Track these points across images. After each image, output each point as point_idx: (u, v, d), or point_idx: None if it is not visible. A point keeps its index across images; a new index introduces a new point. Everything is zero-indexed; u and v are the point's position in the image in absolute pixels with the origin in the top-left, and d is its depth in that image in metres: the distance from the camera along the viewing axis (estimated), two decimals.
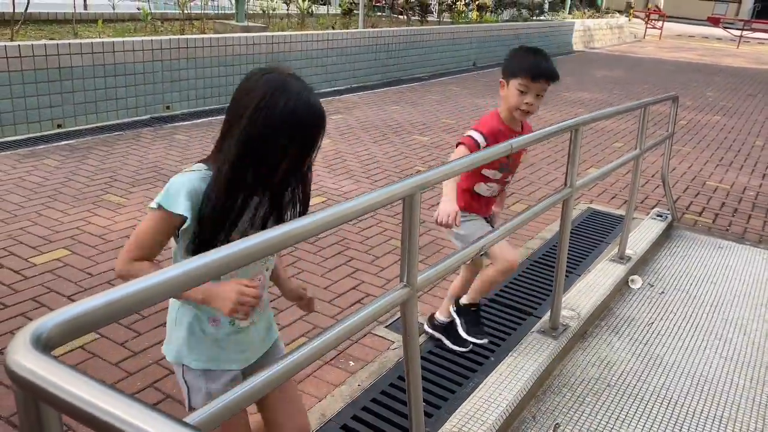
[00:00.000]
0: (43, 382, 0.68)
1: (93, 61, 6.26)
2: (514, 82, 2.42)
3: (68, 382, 0.67)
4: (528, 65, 2.39)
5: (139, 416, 0.65)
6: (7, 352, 0.72)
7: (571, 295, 3.23)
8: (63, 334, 0.74)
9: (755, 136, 8.03)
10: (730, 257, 4.23)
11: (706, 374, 2.84)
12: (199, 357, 1.58)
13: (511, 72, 2.44)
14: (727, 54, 18.89)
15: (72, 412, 0.67)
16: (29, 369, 0.68)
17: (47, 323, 0.73)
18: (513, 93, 2.43)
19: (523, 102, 2.42)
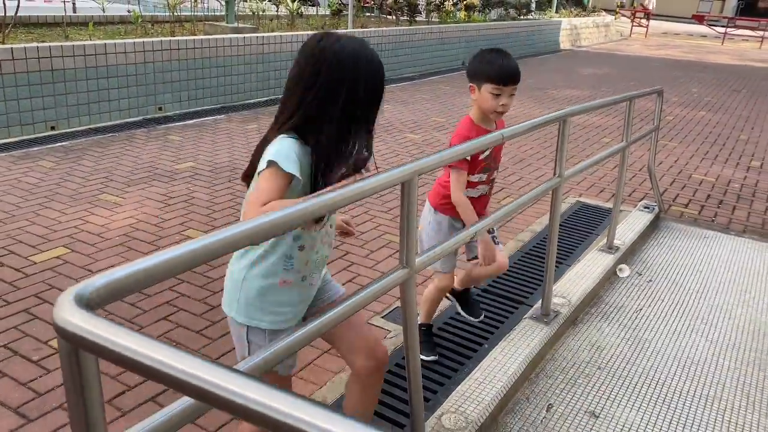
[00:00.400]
0: (83, 332, 0.76)
1: (85, 63, 6.30)
2: (486, 87, 2.45)
3: (105, 330, 0.75)
4: (497, 71, 2.43)
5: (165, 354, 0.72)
6: (54, 310, 0.79)
7: (561, 284, 3.32)
8: (101, 296, 0.81)
9: (740, 131, 8.18)
10: (716, 247, 4.34)
11: (693, 357, 2.94)
12: (266, 318, 1.69)
13: (480, 77, 2.48)
14: (711, 51, 19.13)
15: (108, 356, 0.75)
16: (71, 322, 0.76)
17: (88, 287, 0.80)
18: (486, 97, 2.46)
19: (499, 105, 2.46)
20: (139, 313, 3.09)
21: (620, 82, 11.60)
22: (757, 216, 5.13)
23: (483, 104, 2.49)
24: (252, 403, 0.67)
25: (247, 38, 8.01)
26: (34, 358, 2.71)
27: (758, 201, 5.50)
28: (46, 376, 2.60)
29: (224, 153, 5.84)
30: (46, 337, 2.85)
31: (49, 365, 2.66)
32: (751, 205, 5.39)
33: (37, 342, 2.82)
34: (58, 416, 2.38)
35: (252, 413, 0.67)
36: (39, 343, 2.81)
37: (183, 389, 0.71)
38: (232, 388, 0.69)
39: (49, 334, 2.88)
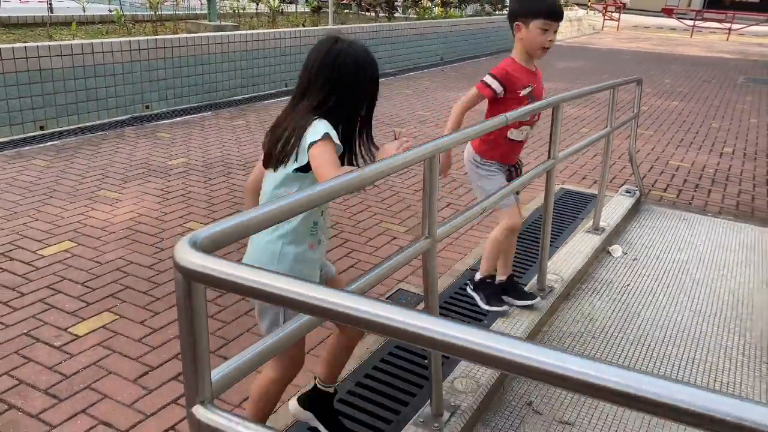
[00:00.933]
0: (195, 267, 0.91)
1: (73, 63, 6.34)
2: (535, 23, 2.60)
3: (209, 261, 0.90)
4: (546, 7, 2.59)
5: (265, 277, 0.88)
6: (174, 252, 0.94)
7: (553, 262, 3.51)
8: (210, 242, 0.96)
9: (711, 119, 8.49)
10: (694, 227, 4.58)
11: (679, 325, 3.15)
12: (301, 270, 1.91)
13: (528, 14, 2.61)
14: (681, 43, 19.61)
15: (210, 282, 0.90)
16: (187, 260, 0.92)
17: (200, 234, 0.95)
18: (535, 33, 2.62)
19: (547, 40, 2.64)
20: (153, 302, 3.21)
21: (595, 75, 11.90)
22: (730, 198, 5.40)
23: (531, 40, 2.64)
24: (351, 311, 0.83)
25: (230, 36, 8.09)
26: (56, 344, 2.81)
27: (731, 185, 5.76)
28: (71, 360, 2.71)
29: (215, 149, 5.94)
30: (66, 324, 2.96)
31: (71, 350, 2.77)
32: (725, 188, 5.65)
33: (57, 329, 2.92)
34: (87, 395, 2.49)
35: (353, 319, 0.83)
36: (59, 330, 2.92)
37: (281, 301, 0.87)
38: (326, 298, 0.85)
39: (67, 322, 2.98)
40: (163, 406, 2.47)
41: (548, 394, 2.58)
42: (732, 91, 10.87)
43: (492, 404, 2.44)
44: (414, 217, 4.51)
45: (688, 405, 0.67)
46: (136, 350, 2.80)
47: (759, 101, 10.08)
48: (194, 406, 1.01)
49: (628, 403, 0.70)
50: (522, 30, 2.66)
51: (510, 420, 2.39)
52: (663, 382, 0.69)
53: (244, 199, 2.21)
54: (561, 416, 2.44)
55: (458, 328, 0.79)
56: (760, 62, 15.57)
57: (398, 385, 2.62)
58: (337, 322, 1.05)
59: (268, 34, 8.60)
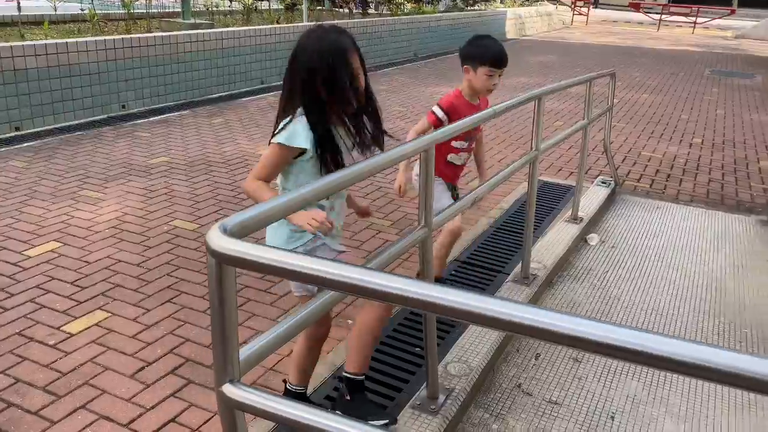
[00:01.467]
0: (225, 250, 0.98)
1: (47, 63, 6.28)
2: (482, 70, 2.86)
3: (239, 245, 0.97)
4: (493, 54, 2.85)
5: (290, 258, 0.95)
6: (207, 238, 1.00)
7: (535, 251, 3.62)
8: (239, 228, 1.02)
9: (680, 111, 8.73)
10: (668, 215, 4.74)
11: (657, 308, 3.28)
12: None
13: (476, 61, 2.87)
14: (648, 37, 20.00)
15: (239, 264, 0.97)
16: (218, 244, 0.99)
17: (230, 221, 1.02)
18: (482, 79, 2.88)
19: (492, 84, 2.90)
20: (145, 300, 3.23)
21: (567, 69, 12.11)
22: (701, 187, 5.58)
23: (477, 84, 2.88)
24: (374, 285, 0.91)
25: (205, 34, 8.07)
26: (50, 342, 2.83)
27: (702, 174, 5.96)
28: (66, 358, 2.73)
29: (195, 147, 5.94)
30: (58, 323, 2.97)
31: (66, 348, 2.79)
32: (695, 177, 5.84)
33: (50, 328, 2.94)
34: (86, 391, 2.52)
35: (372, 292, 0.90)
36: (52, 329, 2.93)
37: (310, 280, 0.94)
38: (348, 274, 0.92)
39: (60, 320, 3.00)
40: (162, 399, 2.51)
41: (536, 376, 2.68)
42: (699, 84, 11.16)
43: (484, 387, 2.54)
44: (398, 211, 4.59)
45: (673, 355, 0.76)
46: (131, 346, 2.83)
47: (725, 93, 10.38)
48: (223, 384, 1.08)
49: (629, 357, 0.79)
50: (470, 73, 2.91)
51: (501, 401, 2.49)
52: (653, 336, 0.77)
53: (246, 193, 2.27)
54: (549, 396, 2.54)
55: (474, 296, 0.87)
56: (725, 55, 15.98)
57: (392, 373, 2.70)
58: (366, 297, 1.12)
59: (243, 32, 8.59)
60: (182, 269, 3.55)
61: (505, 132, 7.07)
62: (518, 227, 4.32)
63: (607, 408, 2.51)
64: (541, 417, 2.42)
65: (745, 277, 3.75)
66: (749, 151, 6.82)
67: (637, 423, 2.43)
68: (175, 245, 3.85)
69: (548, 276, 3.41)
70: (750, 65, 14.21)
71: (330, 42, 1.88)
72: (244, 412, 1.12)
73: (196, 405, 2.48)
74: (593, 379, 2.67)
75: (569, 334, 0.80)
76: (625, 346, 0.79)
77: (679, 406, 2.54)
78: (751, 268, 3.89)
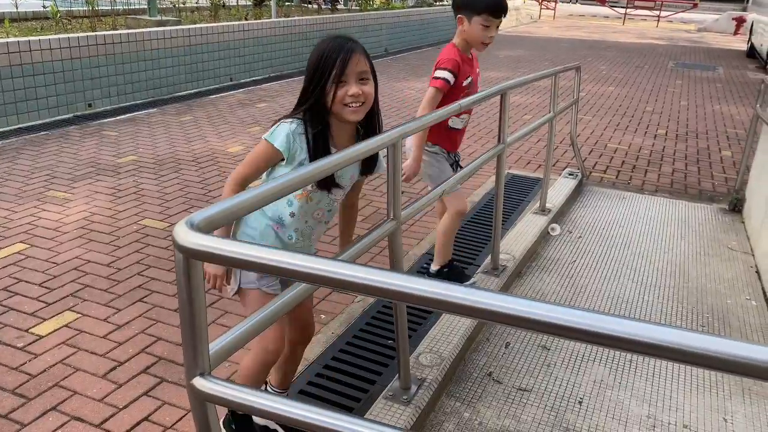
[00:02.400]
0: (192, 245, 0.99)
1: (9, 62, 6.15)
2: (477, 19, 2.66)
3: (205, 240, 0.98)
4: (490, 2, 2.64)
5: (256, 250, 0.97)
6: (173, 233, 1.01)
7: (504, 242, 3.68)
8: (206, 223, 1.03)
9: (645, 103, 8.91)
10: (633, 205, 4.85)
11: (623, 296, 3.37)
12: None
13: (471, 9, 2.66)
14: (614, 31, 20.31)
15: (207, 258, 0.99)
16: (186, 239, 1.01)
17: (196, 216, 1.03)
18: (477, 29, 2.67)
19: (488, 36, 2.71)
20: (116, 299, 3.21)
21: (535, 63, 12.25)
22: (665, 177, 5.72)
23: (472, 35, 2.69)
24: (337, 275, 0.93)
25: (173, 31, 7.98)
26: (18, 345, 2.79)
27: (666, 164, 6.10)
28: (35, 360, 2.70)
29: (164, 145, 5.88)
30: (26, 326, 2.94)
31: (35, 350, 2.76)
32: (660, 168, 5.98)
33: (18, 330, 2.90)
34: (56, 393, 2.50)
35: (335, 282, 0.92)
36: (20, 331, 2.89)
37: (277, 272, 0.96)
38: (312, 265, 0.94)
39: (28, 323, 2.96)
40: (135, 398, 2.50)
41: (506, 364, 2.74)
42: (663, 76, 11.39)
43: (455, 376, 2.58)
44: (370, 206, 4.61)
45: (639, 337, 0.80)
46: (102, 347, 2.81)
47: (688, 85, 10.61)
48: (194, 378, 1.09)
49: (592, 339, 0.83)
50: (464, 23, 2.71)
51: (473, 390, 2.53)
52: (619, 320, 0.82)
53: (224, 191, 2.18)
54: (519, 384, 2.60)
55: (440, 284, 0.90)
56: (688, 48, 16.32)
57: (364, 366, 2.73)
58: (335, 288, 1.12)
59: (211, 29, 8.52)
60: (153, 268, 3.53)
61: (474, 126, 7.14)
62: (488, 220, 4.38)
63: (575, 393, 2.57)
64: (511, 404, 2.48)
65: (708, 263, 3.86)
66: (711, 142, 6.99)
67: (604, 406, 2.50)
68: (145, 244, 3.82)
69: (517, 267, 3.47)
70: (712, 58, 14.54)
71: (334, 43, 1.84)
72: (215, 404, 1.13)
73: (169, 403, 2.48)
74: (561, 366, 2.74)
75: (527, 317, 0.84)
76: (580, 327, 0.83)
77: (644, 389, 2.62)
78: (713, 255, 4.00)
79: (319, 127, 1.85)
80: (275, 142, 1.84)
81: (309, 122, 1.86)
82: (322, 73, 1.81)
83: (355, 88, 1.81)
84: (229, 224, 1.88)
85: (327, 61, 1.81)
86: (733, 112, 8.57)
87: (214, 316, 3.07)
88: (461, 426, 2.33)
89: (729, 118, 8.19)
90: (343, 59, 1.80)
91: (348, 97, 1.81)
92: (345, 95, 1.81)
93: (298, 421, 1.05)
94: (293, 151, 1.86)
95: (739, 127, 7.74)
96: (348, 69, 1.80)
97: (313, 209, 1.98)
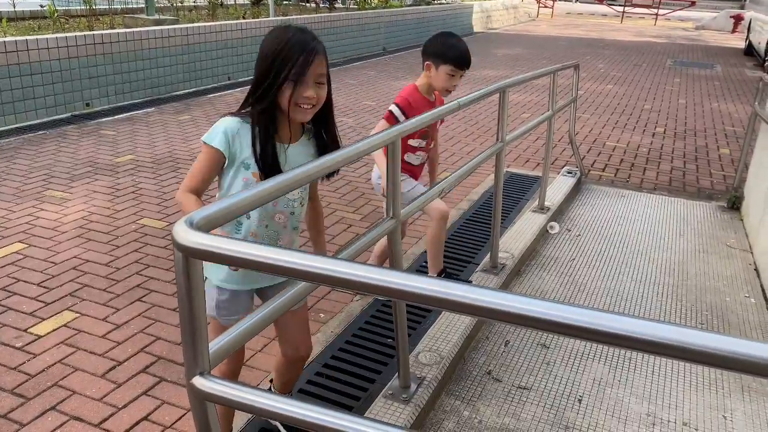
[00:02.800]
0: (192, 244, 0.99)
1: (7, 61, 6.14)
2: (444, 68, 2.79)
3: (205, 239, 0.98)
4: (457, 55, 2.78)
5: (255, 249, 0.96)
6: (173, 232, 1.01)
7: (503, 241, 3.68)
8: (205, 222, 1.03)
9: (643, 101, 8.91)
10: (632, 203, 4.85)
11: (622, 293, 3.37)
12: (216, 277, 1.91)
13: (440, 58, 2.80)
14: (612, 29, 20.32)
15: (206, 257, 0.98)
16: (185, 238, 1.00)
17: (196, 215, 1.03)
18: (443, 77, 2.81)
19: (452, 84, 2.84)
20: (114, 299, 3.21)
21: (533, 61, 12.25)
22: (664, 175, 5.72)
23: (437, 82, 2.83)
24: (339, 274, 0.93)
25: (170, 30, 7.96)
26: (17, 345, 2.79)
27: (664, 162, 6.10)
28: (34, 360, 2.69)
29: (162, 144, 5.87)
30: (25, 325, 2.93)
31: (34, 350, 2.76)
32: (658, 166, 5.99)
33: (17, 330, 2.89)
34: (55, 393, 2.50)
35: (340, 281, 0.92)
36: (18, 331, 2.89)
37: (276, 270, 0.96)
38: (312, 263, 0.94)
39: (27, 322, 2.96)
40: (134, 398, 2.50)
41: (505, 363, 2.74)
42: (661, 74, 11.39)
43: (455, 375, 2.58)
44: (368, 204, 4.61)
45: (638, 335, 0.80)
46: (101, 346, 2.81)
47: (686, 83, 10.62)
48: (194, 377, 1.09)
49: (592, 337, 0.83)
50: (431, 70, 2.84)
51: (472, 388, 2.54)
52: (620, 317, 0.81)
53: None
54: (518, 382, 2.60)
55: (439, 282, 0.90)
56: (686, 46, 16.32)
57: (364, 364, 2.73)
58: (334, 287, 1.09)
59: (209, 27, 8.51)
60: (151, 267, 3.53)
61: (473, 125, 7.14)
62: (487, 218, 4.38)
63: (575, 391, 2.57)
64: (510, 402, 2.48)
65: (706, 261, 3.87)
66: (710, 140, 7.00)
67: (604, 404, 2.50)
68: (143, 244, 3.81)
69: (516, 265, 3.47)
70: (710, 56, 14.55)
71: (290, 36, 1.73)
72: (215, 403, 1.13)
73: (168, 402, 2.48)
74: (561, 364, 2.74)
75: (526, 315, 0.84)
76: (580, 325, 0.83)
77: (643, 387, 2.62)
78: (712, 253, 4.01)
79: (270, 126, 1.75)
80: (213, 141, 1.74)
81: (258, 121, 1.75)
82: (279, 70, 1.71)
83: (311, 90, 1.73)
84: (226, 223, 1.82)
85: (286, 57, 1.71)
86: (731, 110, 8.57)
87: None
88: (461, 424, 2.33)
89: (727, 116, 8.20)
90: (306, 60, 1.71)
91: (302, 98, 1.73)
92: (299, 96, 1.72)
93: (298, 420, 1.05)
94: (233, 149, 1.77)
95: (738, 124, 7.74)
96: (309, 70, 1.71)
97: (272, 212, 1.86)
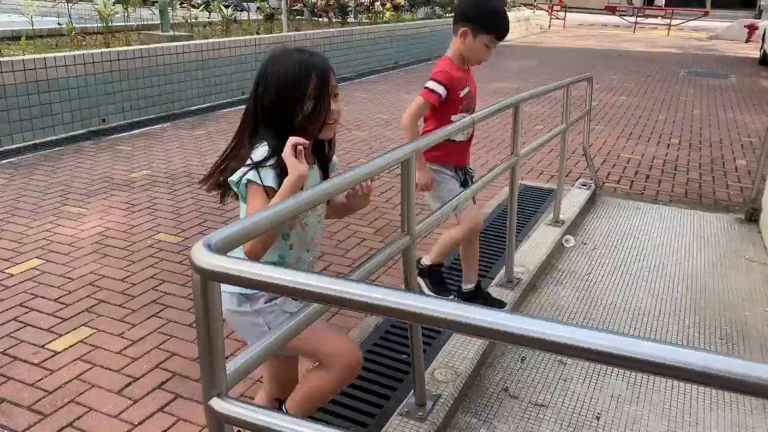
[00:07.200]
0: (210, 266, 0.99)
1: (26, 78, 6.23)
2: (483, 38, 2.59)
3: (223, 261, 0.98)
4: (500, 25, 2.60)
5: (274, 272, 0.96)
6: (191, 254, 1.01)
7: (518, 255, 3.66)
8: (223, 243, 1.03)
9: (657, 112, 8.86)
10: (647, 216, 4.81)
11: (639, 308, 3.33)
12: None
13: (481, 26, 2.58)
14: (624, 40, 20.27)
15: (225, 279, 0.98)
16: (203, 260, 1.00)
17: (214, 237, 1.03)
18: (479, 48, 2.62)
19: (487, 56, 2.69)
20: (129, 315, 3.22)
21: (545, 74, 12.24)
22: (680, 187, 5.67)
23: (472, 53, 2.66)
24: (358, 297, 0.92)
25: (185, 46, 8.05)
26: (35, 361, 2.81)
27: (680, 174, 6.05)
28: (51, 376, 2.71)
29: (178, 160, 5.92)
30: (43, 341, 2.95)
31: (51, 366, 2.77)
32: (674, 178, 5.94)
33: (34, 347, 2.91)
34: (72, 409, 2.51)
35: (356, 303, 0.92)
36: (36, 347, 2.91)
37: (293, 293, 0.96)
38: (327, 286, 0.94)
39: (44, 338, 2.98)
40: (150, 414, 2.50)
41: (522, 379, 2.71)
42: (675, 85, 11.33)
43: (471, 392, 2.56)
44: (381, 218, 4.61)
45: (660, 359, 0.79)
46: (117, 362, 2.82)
47: (700, 93, 10.55)
48: (211, 399, 1.09)
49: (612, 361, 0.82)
50: (467, 37, 2.63)
51: (489, 406, 2.51)
52: (639, 341, 0.80)
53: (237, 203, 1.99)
54: (536, 399, 2.57)
55: (455, 305, 0.89)
56: (700, 56, 16.24)
57: (379, 381, 2.72)
58: (350, 309, 1.08)
59: (223, 43, 8.59)
60: (167, 283, 3.54)
61: (486, 137, 7.14)
62: (501, 231, 4.36)
63: (592, 408, 2.54)
64: (528, 420, 2.45)
65: (724, 275, 3.82)
66: (725, 151, 6.94)
67: (622, 422, 2.47)
68: (159, 259, 3.84)
69: (531, 279, 3.45)
70: (724, 66, 14.46)
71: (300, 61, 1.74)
72: (232, 425, 1.13)
73: (184, 419, 2.48)
74: (578, 381, 2.71)
75: (544, 339, 0.83)
76: (602, 350, 0.82)
77: (662, 405, 2.58)
78: (730, 266, 3.96)
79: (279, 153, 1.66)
80: (266, 181, 1.66)
81: (274, 149, 1.69)
82: (297, 90, 1.70)
83: (335, 104, 1.77)
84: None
85: (307, 78, 1.71)
86: (747, 121, 8.50)
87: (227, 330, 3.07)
88: None
89: (743, 127, 8.13)
90: (327, 77, 1.74)
91: (330, 115, 1.76)
92: (328, 113, 1.75)
93: None
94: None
95: (754, 135, 7.67)
96: (331, 87, 1.75)
97: (309, 236, 1.86)
